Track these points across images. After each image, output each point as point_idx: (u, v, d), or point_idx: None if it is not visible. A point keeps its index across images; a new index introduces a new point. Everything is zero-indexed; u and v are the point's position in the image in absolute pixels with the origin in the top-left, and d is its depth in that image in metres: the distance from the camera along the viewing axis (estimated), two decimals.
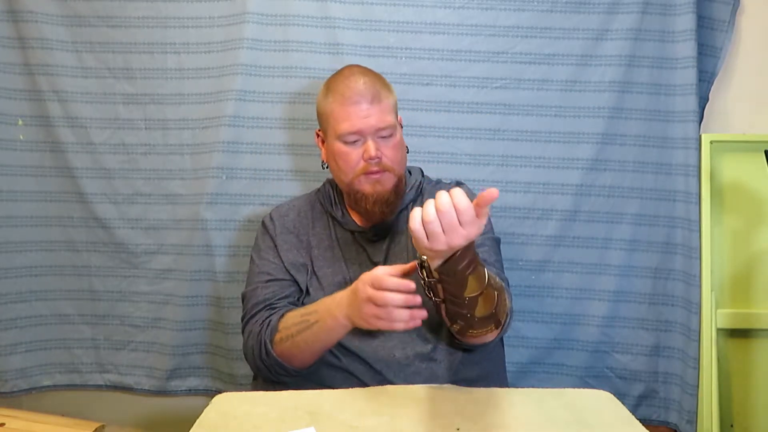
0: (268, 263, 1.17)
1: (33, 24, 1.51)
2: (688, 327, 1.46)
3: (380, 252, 1.16)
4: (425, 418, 0.88)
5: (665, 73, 1.49)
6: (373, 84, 1.14)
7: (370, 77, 1.15)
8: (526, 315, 1.53)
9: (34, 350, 1.58)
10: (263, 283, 1.15)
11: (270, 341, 1.06)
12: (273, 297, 1.13)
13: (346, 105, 1.11)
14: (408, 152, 1.22)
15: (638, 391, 1.52)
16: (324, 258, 1.18)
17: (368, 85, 1.12)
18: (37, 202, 1.56)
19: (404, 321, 0.92)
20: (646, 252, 1.51)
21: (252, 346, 1.09)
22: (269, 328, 1.07)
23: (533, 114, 1.51)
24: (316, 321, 1.02)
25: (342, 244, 1.18)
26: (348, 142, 1.12)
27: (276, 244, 1.19)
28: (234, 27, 1.50)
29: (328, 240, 1.19)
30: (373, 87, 1.13)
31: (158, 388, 1.58)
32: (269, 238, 1.20)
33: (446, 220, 0.82)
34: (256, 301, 1.13)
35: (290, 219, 1.22)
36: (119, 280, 1.58)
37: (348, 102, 1.11)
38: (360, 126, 1.10)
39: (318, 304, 1.05)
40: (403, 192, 1.19)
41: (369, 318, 0.94)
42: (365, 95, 1.11)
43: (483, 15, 1.50)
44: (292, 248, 1.18)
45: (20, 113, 1.54)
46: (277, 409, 0.91)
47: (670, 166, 1.50)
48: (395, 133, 1.14)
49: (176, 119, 1.54)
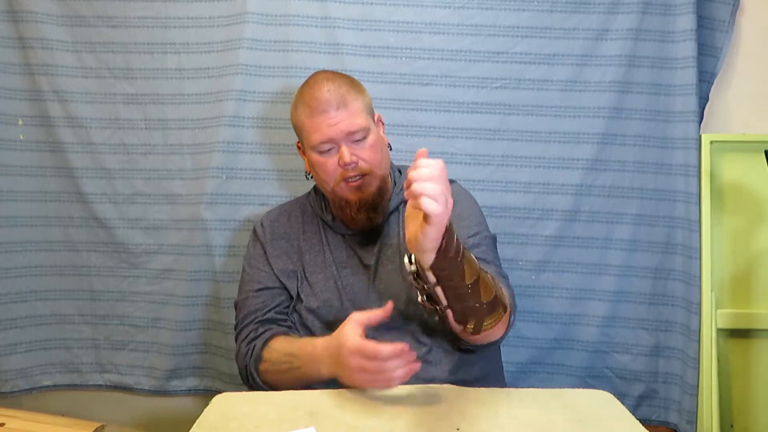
0: (258, 272, 1.18)
1: (33, 24, 1.51)
2: (688, 327, 1.46)
3: (371, 255, 1.15)
4: (425, 419, 0.88)
5: (665, 73, 1.49)
6: (338, 89, 1.11)
7: (336, 82, 1.12)
8: (526, 315, 1.52)
9: (34, 350, 1.58)
10: (254, 292, 1.16)
11: (255, 370, 1.09)
12: (264, 307, 1.14)
13: (314, 116, 1.10)
14: (390, 150, 1.21)
15: (638, 392, 1.52)
16: (315, 263, 1.17)
17: (333, 91, 1.10)
18: (37, 202, 1.56)
19: (402, 378, 0.92)
20: (646, 252, 1.51)
21: (240, 366, 1.13)
22: (253, 357, 1.09)
23: (533, 114, 1.51)
24: (299, 366, 1.03)
25: (333, 248, 1.18)
26: (323, 151, 1.11)
27: (266, 252, 1.19)
28: (234, 27, 1.50)
29: (318, 245, 1.19)
30: (338, 92, 1.11)
31: (158, 388, 1.59)
32: (260, 245, 1.21)
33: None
34: (247, 312, 1.15)
35: (281, 224, 1.23)
36: (119, 280, 1.58)
37: (315, 112, 1.10)
38: (330, 134, 1.09)
39: (302, 346, 1.04)
40: (390, 193, 1.18)
41: (364, 383, 0.94)
42: (331, 102, 1.09)
43: (483, 15, 1.50)
44: (282, 255, 1.19)
45: (20, 113, 1.54)
46: (277, 409, 0.91)
47: (670, 166, 1.50)
48: (369, 134, 1.12)
49: (176, 119, 1.54)
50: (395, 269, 1.13)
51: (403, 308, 1.09)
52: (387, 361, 0.91)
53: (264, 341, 1.09)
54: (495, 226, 1.48)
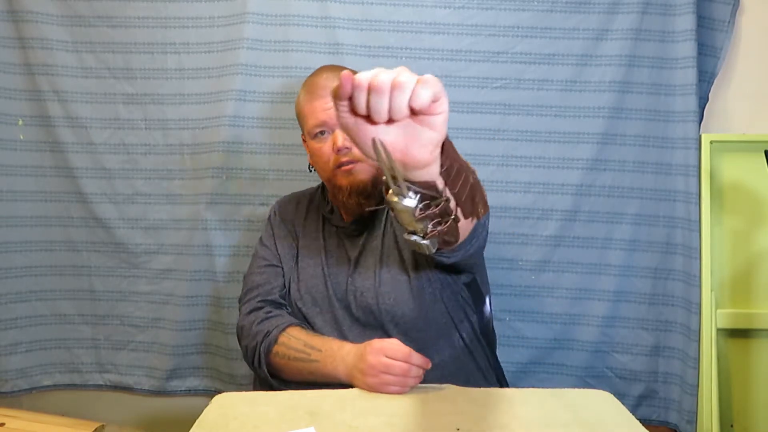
0: (266, 249, 1.22)
1: (33, 24, 1.51)
2: (688, 327, 1.46)
3: (356, 247, 1.16)
4: (425, 418, 0.88)
5: (665, 73, 1.49)
6: (337, 77, 1.09)
7: (336, 72, 1.11)
8: (526, 315, 1.53)
9: (34, 350, 1.58)
10: (260, 268, 1.20)
11: (267, 352, 1.08)
12: (266, 283, 1.17)
13: (312, 101, 1.11)
14: None
15: (638, 391, 1.52)
16: (308, 248, 1.20)
17: (331, 78, 1.10)
18: (37, 202, 1.57)
19: (413, 385, 0.98)
20: (646, 252, 1.51)
21: (248, 345, 1.12)
22: (269, 339, 1.08)
23: (533, 114, 1.51)
24: (316, 360, 1.04)
25: (326, 237, 1.20)
26: (318, 135, 1.12)
27: (274, 233, 1.24)
28: (234, 27, 1.50)
29: (315, 233, 1.21)
30: (336, 78, 1.09)
31: (158, 388, 1.59)
32: (270, 226, 1.26)
33: None
34: (251, 286, 1.18)
35: (288, 210, 1.27)
36: (119, 280, 1.58)
37: (313, 97, 1.11)
38: (323, 118, 1.10)
39: (324, 342, 1.06)
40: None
41: (381, 386, 0.97)
42: (328, 88, 1.08)
43: (483, 15, 1.50)
44: (288, 235, 1.23)
45: (20, 113, 1.55)
46: (277, 409, 0.91)
47: (670, 166, 1.50)
48: None
49: (176, 119, 1.54)
50: (375, 262, 1.13)
51: (372, 302, 1.10)
52: (413, 366, 0.96)
53: (284, 326, 1.09)
54: (495, 226, 1.47)
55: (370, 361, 0.97)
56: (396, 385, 0.96)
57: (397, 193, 0.67)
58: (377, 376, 0.97)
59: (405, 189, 0.66)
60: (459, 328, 1.14)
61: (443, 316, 1.12)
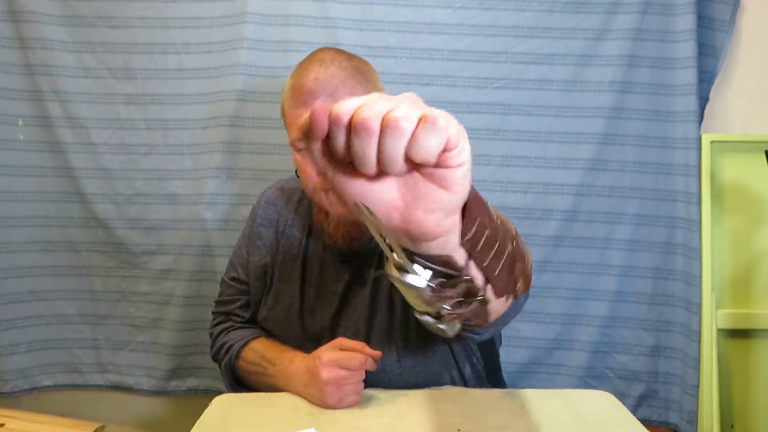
0: (240, 256, 1.12)
1: (33, 24, 1.51)
2: (689, 327, 1.46)
3: (343, 278, 1.00)
4: (426, 419, 0.88)
5: (665, 73, 1.49)
6: (330, 78, 0.89)
7: (330, 69, 0.91)
8: (526, 315, 1.53)
9: (34, 350, 1.58)
10: (229, 279, 1.13)
11: (228, 367, 1.06)
12: (233, 295, 1.11)
13: (296, 107, 0.91)
14: None
15: (638, 392, 1.52)
16: (284, 270, 1.06)
17: (321, 80, 0.89)
18: (37, 202, 1.56)
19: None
20: (647, 252, 1.51)
21: (213, 356, 1.11)
22: (229, 354, 1.05)
23: (533, 114, 1.51)
24: (272, 375, 0.99)
25: (309, 257, 1.04)
26: (301, 150, 0.93)
27: (250, 239, 1.11)
28: (234, 27, 1.50)
29: (296, 248, 1.05)
30: (329, 83, 0.89)
31: (158, 389, 1.59)
32: (250, 224, 1.12)
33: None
34: (220, 300, 1.14)
35: (276, 208, 1.10)
36: (119, 280, 1.58)
37: (297, 103, 0.91)
38: None
39: (279, 354, 0.99)
40: None
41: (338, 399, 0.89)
42: (316, 93, 0.88)
43: (483, 15, 1.50)
44: (263, 245, 1.09)
45: (20, 113, 1.54)
46: (277, 409, 0.91)
47: (671, 167, 1.50)
48: None
49: (176, 119, 1.54)
50: (365, 305, 1.00)
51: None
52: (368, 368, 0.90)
53: (247, 339, 1.05)
54: None
55: (323, 378, 0.88)
56: (356, 393, 0.91)
57: (398, 267, 0.46)
58: (335, 393, 0.89)
59: (408, 262, 0.46)
60: (461, 367, 1.03)
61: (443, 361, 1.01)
